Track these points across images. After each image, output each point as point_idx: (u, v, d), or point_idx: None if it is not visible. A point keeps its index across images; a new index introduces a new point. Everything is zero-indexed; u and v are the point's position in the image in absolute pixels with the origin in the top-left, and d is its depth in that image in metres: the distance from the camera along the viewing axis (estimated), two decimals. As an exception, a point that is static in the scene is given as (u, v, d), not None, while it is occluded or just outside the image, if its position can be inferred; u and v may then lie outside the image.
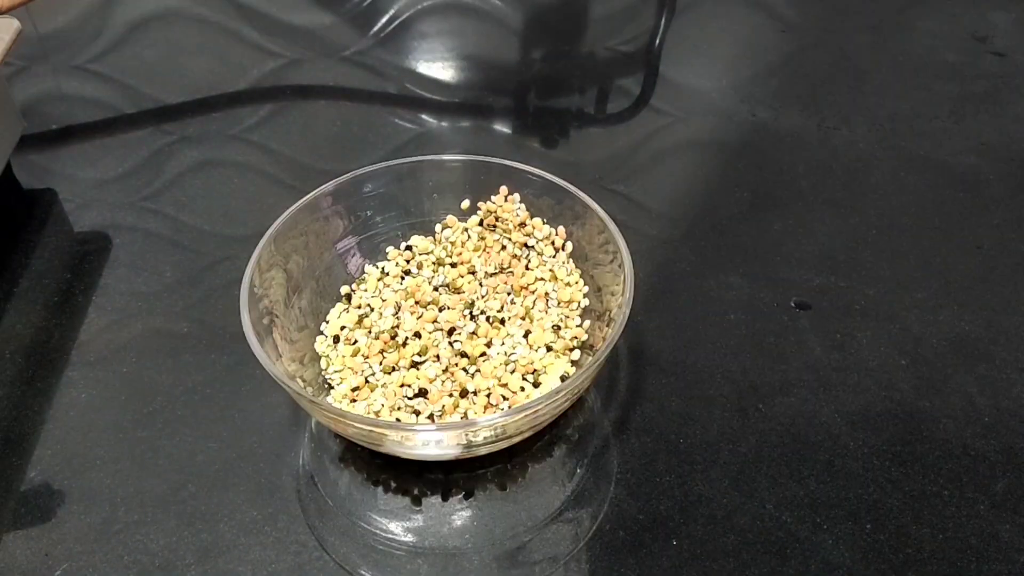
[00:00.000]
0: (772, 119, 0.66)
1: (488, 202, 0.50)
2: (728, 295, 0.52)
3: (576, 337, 0.46)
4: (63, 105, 0.68)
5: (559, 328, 0.46)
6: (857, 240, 0.55)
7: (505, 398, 0.43)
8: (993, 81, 0.69)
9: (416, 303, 0.47)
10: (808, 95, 0.68)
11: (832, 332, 0.50)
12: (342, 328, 0.47)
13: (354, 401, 0.43)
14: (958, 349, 0.49)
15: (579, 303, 0.47)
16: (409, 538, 0.41)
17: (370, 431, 0.39)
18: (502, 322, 0.46)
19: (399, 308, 0.47)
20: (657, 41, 0.75)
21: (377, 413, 0.42)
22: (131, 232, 0.57)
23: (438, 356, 0.44)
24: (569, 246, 0.49)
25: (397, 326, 0.46)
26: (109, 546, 0.41)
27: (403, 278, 0.49)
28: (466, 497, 0.43)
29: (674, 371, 0.48)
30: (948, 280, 0.52)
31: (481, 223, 0.50)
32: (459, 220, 0.51)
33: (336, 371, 0.45)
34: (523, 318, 0.46)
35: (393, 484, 0.43)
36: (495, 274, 0.48)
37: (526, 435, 0.42)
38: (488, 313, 0.46)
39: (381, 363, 0.45)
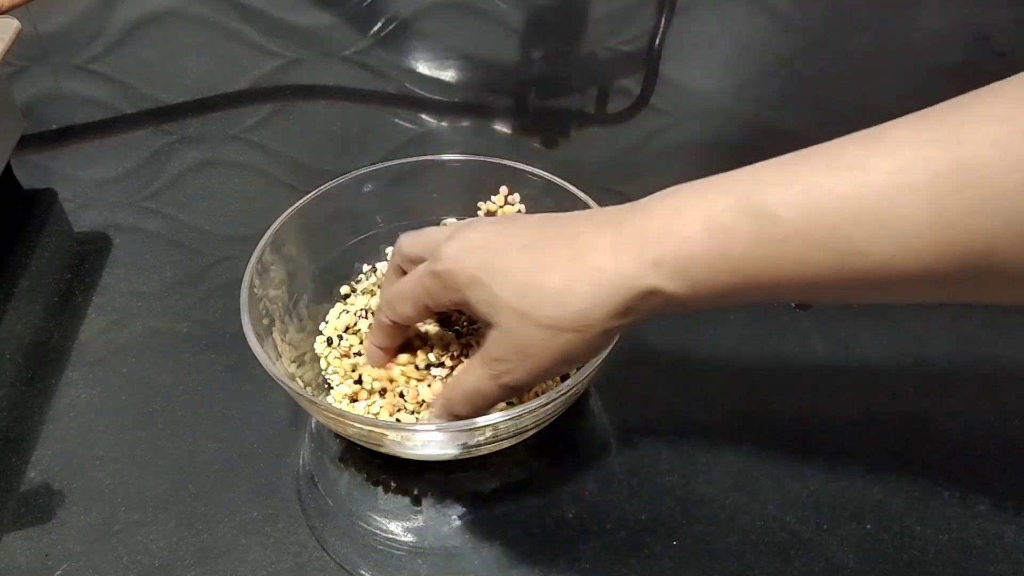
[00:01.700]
0: (773, 119, 0.66)
1: (488, 202, 0.50)
2: (729, 295, 0.52)
3: None
4: (63, 105, 0.68)
5: None
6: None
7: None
8: (993, 81, 0.69)
9: None
10: (809, 95, 0.68)
11: (834, 332, 0.49)
12: (346, 329, 0.47)
13: (354, 401, 0.43)
14: (960, 349, 0.48)
15: None
16: (409, 538, 0.41)
17: (370, 431, 0.39)
18: None
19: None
20: (657, 41, 0.75)
21: (376, 414, 0.42)
22: (131, 232, 0.57)
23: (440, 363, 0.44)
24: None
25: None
26: (109, 546, 0.41)
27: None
28: (466, 497, 0.43)
29: (676, 371, 0.48)
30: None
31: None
32: (459, 220, 0.51)
33: (335, 372, 0.45)
34: None
35: (393, 484, 0.43)
36: None
37: (526, 435, 0.42)
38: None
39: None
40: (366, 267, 0.50)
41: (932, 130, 0.28)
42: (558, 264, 0.34)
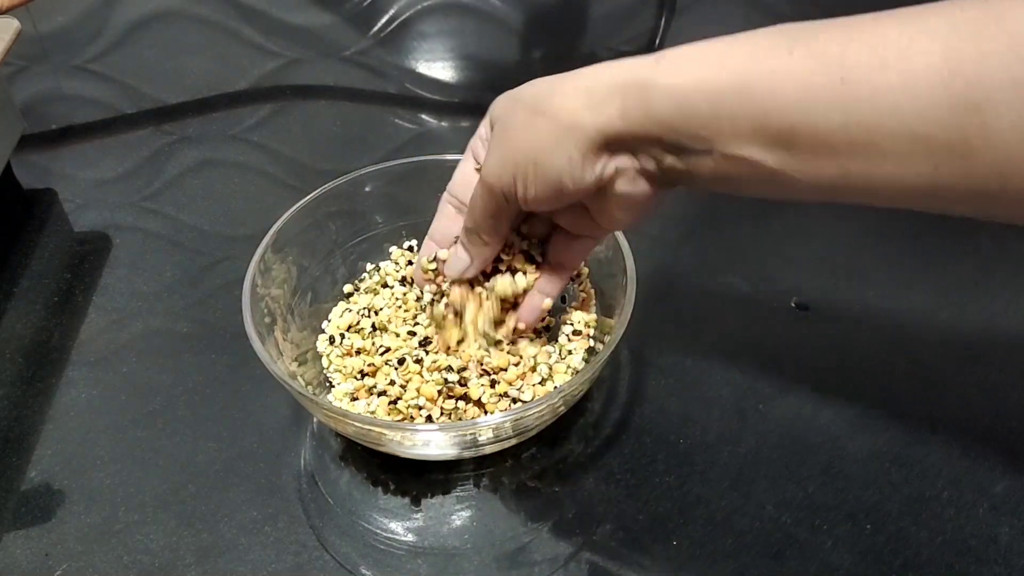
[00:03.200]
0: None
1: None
2: (728, 296, 0.52)
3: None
4: (63, 105, 0.68)
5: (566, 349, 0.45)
6: (856, 242, 0.55)
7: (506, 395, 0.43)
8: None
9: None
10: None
11: (831, 334, 0.50)
12: (348, 328, 0.47)
13: (355, 400, 0.43)
14: (957, 351, 0.49)
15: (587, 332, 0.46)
16: (409, 538, 0.42)
17: (369, 430, 0.40)
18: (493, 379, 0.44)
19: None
20: (657, 41, 0.75)
21: (374, 412, 0.42)
22: (131, 232, 0.57)
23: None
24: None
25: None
26: (109, 546, 0.41)
27: (403, 279, 0.49)
28: (466, 497, 0.43)
29: (674, 372, 0.48)
30: (947, 282, 0.52)
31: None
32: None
33: (337, 370, 0.45)
34: (531, 371, 0.43)
35: (393, 484, 0.43)
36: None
37: (526, 436, 0.42)
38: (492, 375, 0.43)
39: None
40: (369, 266, 0.50)
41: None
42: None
